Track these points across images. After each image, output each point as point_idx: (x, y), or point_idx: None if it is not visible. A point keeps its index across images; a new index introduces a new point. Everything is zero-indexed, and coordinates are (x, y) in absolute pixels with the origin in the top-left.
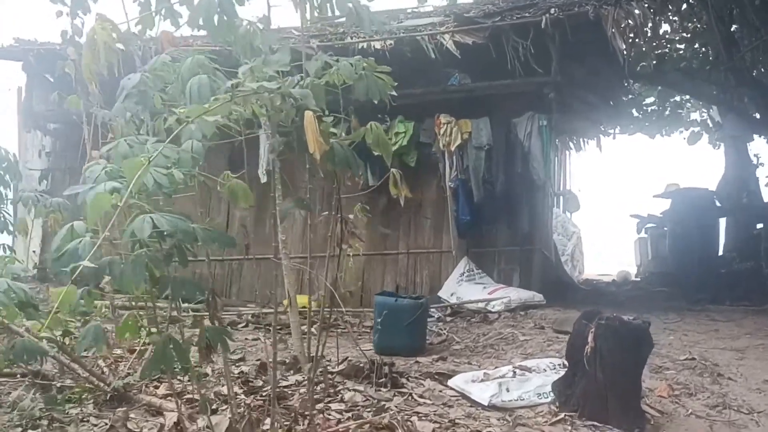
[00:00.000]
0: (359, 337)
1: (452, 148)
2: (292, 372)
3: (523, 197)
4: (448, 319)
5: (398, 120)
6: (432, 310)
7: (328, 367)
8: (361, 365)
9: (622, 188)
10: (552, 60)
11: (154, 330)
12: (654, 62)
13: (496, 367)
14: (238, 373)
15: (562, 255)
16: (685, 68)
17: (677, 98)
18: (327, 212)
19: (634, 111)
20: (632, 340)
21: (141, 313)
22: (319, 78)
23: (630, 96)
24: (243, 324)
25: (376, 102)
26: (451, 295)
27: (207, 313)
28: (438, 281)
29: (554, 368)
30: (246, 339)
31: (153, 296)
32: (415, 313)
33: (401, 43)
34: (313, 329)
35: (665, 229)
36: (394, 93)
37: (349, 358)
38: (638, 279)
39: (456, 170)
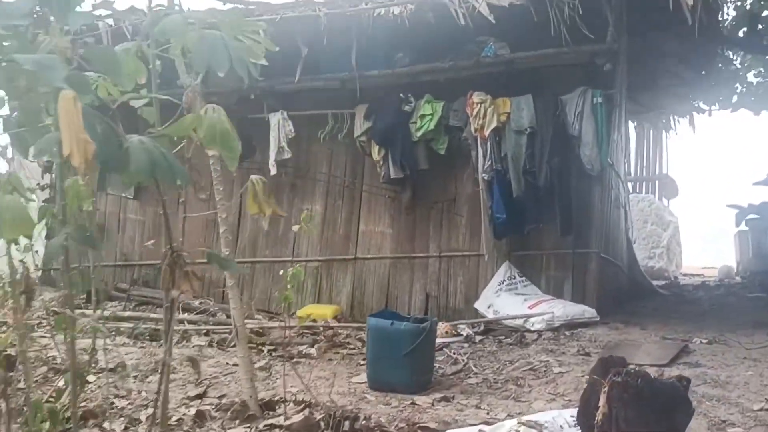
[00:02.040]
0: (364, 361)
1: (486, 133)
2: (237, 422)
3: (574, 191)
4: (478, 338)
5: (425, 100)
6: (461, 326)
7: (282, 418)
8: (318, 419)
9: (721, 172)
10: (608, 24)
11: None
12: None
13: (509, 415)
14: (176, 421)
15: (657, 247)
16: None
17: None
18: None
19: (738, 85)
20: (661, 405)
21: None
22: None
23: (732, 66)
24: (232, 343)
25: (221, 74)
26: (488, 307)
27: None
28: (475, 289)
29: (575, 425)
30: (227, 364)
31: None
32: (416, 340)
33: (424, 7)
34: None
35: None
36: (262, 62)
37: (314, 402)
38: (739, 278)
39: (490, 159)
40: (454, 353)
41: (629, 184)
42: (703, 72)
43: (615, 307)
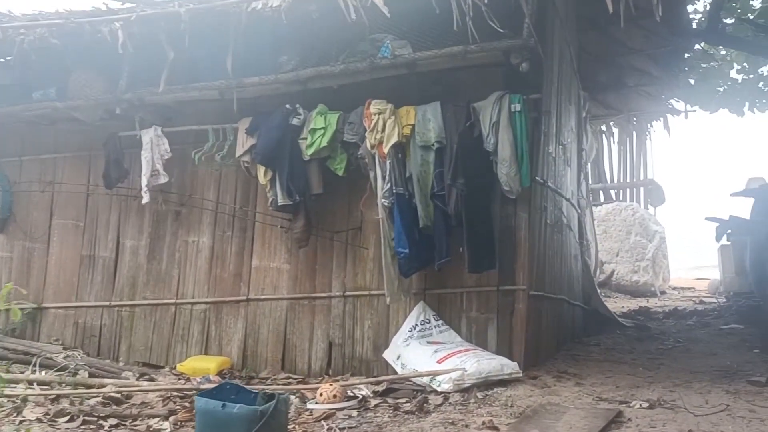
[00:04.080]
0: None
1: (385, 149)
2: None
3: (494, 217)
4: (374, 402)
5: (317, 111)
6: (358, 387)
7: None
8: None
9: (704, 175)
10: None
11: None
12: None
13: None
14: None
15: (642, 260)
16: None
17: None
18: None
19: (720, 82)
20: None
21: None
22: None
23: (712, 63)
24: (64, 419)
25: None
26: (397, 358)
27: None
28: (385, 335)
29: None
30: None
31: None
32: (253, 428)
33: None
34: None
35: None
36: None
37: None
38: (722, 299)
39: (390, 181)
40: (331, 430)
41: (611, 192)
42: (676, 69)
43: (555, 351)
